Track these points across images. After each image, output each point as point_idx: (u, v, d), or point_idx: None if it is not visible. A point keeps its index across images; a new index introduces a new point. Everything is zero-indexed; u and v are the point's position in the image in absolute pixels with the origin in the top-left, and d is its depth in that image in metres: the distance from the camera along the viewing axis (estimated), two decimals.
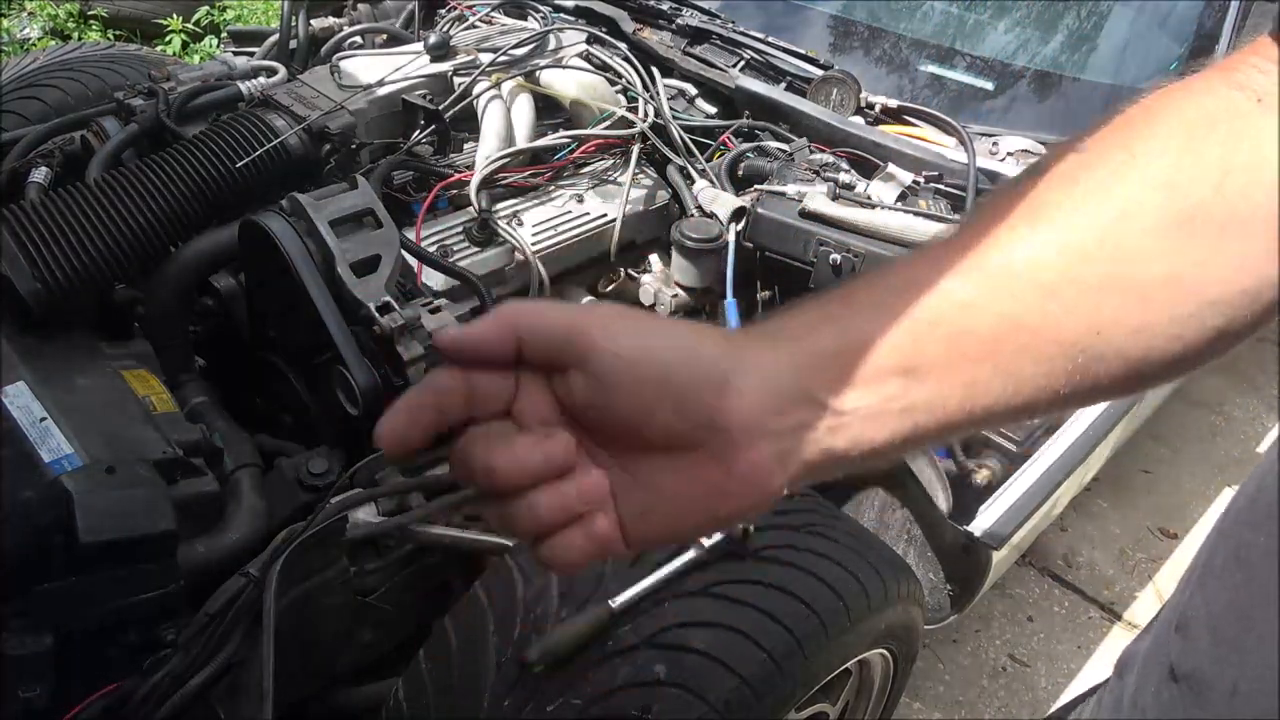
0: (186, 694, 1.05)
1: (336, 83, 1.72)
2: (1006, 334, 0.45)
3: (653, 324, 0.48)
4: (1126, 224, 0.45)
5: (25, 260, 1.27)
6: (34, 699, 0.97)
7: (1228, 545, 0.60)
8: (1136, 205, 0.45)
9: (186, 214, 1.43)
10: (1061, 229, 0.46)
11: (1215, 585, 0.60)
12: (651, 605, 1.02)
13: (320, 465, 1.30)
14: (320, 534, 1.18)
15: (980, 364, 0.45)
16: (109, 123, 1.67)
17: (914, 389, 0.46)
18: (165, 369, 1.40)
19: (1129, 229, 0.45)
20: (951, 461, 1.55)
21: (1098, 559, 2.36)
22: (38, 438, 1.10)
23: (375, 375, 1.32)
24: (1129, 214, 0.45)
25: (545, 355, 0.45)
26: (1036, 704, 2.00)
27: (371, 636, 1.34)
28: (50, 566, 1.01)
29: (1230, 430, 2.80)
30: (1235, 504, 0.61)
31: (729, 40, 2.01)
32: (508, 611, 1.06)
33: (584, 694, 0.97)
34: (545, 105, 1.91)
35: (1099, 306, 0.45)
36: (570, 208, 1.76)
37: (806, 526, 1.16)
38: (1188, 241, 0.45)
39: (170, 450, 1.18)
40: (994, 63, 1.98)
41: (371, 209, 1.41)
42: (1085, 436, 1.61)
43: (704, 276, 1.68)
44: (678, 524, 0.47)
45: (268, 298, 1.44)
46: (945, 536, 1.46)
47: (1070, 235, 0.46)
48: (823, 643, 1.07)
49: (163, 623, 1.09)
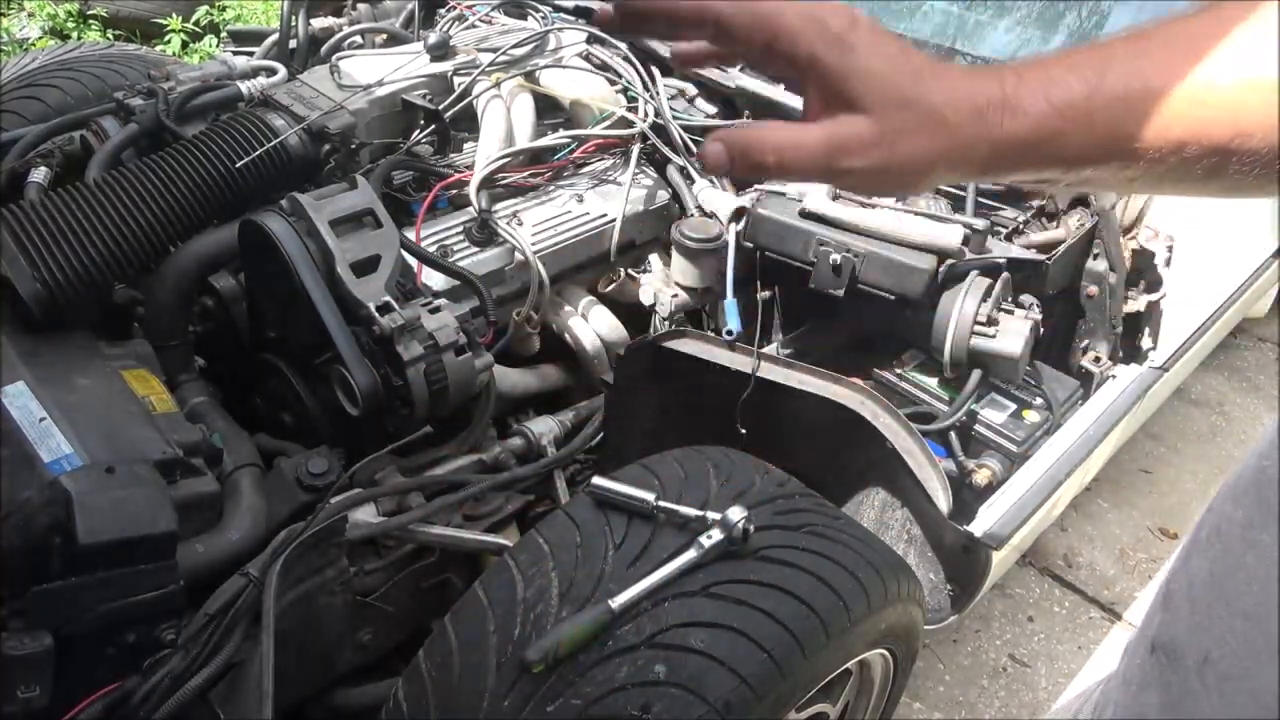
0: (186, 694, 1.05)
1: (336, 83, 1.72)
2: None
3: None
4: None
5: (25, 261, 1.27)
6: (34, 699, 0.97)
7: (1210, 520, 0.62)
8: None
9: (186, 214, 1.43)
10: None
11: (1197, 559, 0.62)
12: (651, 605, 1.02)
13: (320, 465, 1.30)
14: (320, 534, 1.19)
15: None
16: (109, 123, 1.67)
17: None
18: (165, 369, 1.40)
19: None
20: (951, 461, 1.55)
21: (1098, 559, 2.36)
22: (38, 438, 1.10)
23: (375, 375, 1.33)
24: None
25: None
26: (1036, 704, 2.00)
27: (371, 636, 1.34)
28: (50, 567, 1.01)
29: (1230, 430, 2.80)
30: (1224, 482, 0.63)
31: None
32: (508, 611, 1.06)
33: (584, 694, 0.97)
34: (545, 105, 1.91)
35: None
36: (570, 208, 1.76)
37: (806, 526, 1.16)
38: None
39: (170, 450, 1.18)
40: (994, 63, 1.98)
41: (371, 209, 1.41)
42: (1085, 436, 1.61)
43: (704, 276, 1.68)
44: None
45: (268, 298, 1.44)
46: (945, 536, 1.46)
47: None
48: (823, 643, 1.07)
49: (163, 623, 1.09)
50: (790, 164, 0.55)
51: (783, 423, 1.46)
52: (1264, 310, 2.80)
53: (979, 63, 1.99)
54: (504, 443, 1.53)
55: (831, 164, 0.55)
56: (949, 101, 0.54)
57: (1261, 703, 0.51)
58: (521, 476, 1.44)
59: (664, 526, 1.10)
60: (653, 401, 1.55)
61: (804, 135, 0.55)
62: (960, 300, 1.51)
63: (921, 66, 0.55)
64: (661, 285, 1.73)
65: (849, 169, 0.55)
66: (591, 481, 1.15)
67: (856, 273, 1.55)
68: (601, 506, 1.13)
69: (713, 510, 1.09)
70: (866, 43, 0.54)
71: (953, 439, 1.55)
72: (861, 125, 0.54)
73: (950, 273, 1.54)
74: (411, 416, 1.35)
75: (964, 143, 0.54)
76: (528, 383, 1.71)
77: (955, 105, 0.54)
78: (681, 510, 1.10)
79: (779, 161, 0.55)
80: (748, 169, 0.56)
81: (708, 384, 1.45)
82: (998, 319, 1.52)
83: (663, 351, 1.46)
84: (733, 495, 1.15)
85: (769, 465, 1.25)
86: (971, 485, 1.52)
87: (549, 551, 1.10)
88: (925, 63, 0.55)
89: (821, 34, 0.54)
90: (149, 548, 1.05)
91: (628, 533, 1.10)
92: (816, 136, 0.55)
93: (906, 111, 0.54)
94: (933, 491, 1.31)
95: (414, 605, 1.38)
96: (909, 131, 0.54)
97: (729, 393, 1.43)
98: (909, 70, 0.54)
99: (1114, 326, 1.74)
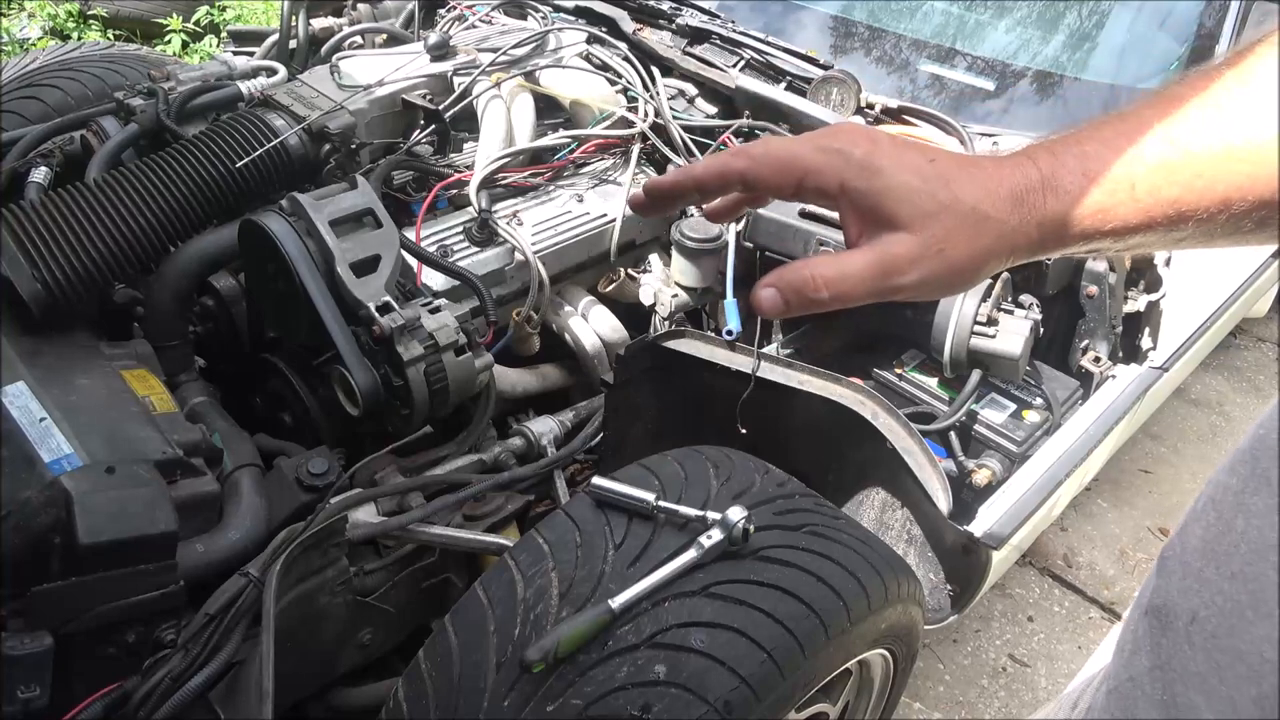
0: (186, 694, 1.05)
1: (336, 83, 1.72)
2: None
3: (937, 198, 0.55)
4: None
5: (25, 260, 1.27)
6: (34, 699, 0.97)
7: (1208, 491, 0.63)
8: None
9: (186, 214, 1.43)
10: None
11: (1193, 526, 0.63)
12: (651, 605, 1.02)
13: (320, 465, 1.30)
14: (320, 534, 1.19)
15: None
16: (109, 123, 1.67)
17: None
18: (165, 369, 1.41)
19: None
20: (951, 461, 1.55)
21: (1098, 559, 2.36)
22: (38, 438, 1.10)
23: (375, 375, 1.33)
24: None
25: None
26: (1036, 704, 2.00)
27: (371, 636, 1.34)
28: (50, 567, 1.01)
29: (1230, 430, 2.80)
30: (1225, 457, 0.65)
31: (729, 40, 2.01)
32: (508, 611, 1.06)
33: (584, 694, 0.97)
34: (545, 105, 1.91)
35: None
36: (570, 208, 1.76)
37: (806, 526, 1.16)
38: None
39: (170, 450, 1.18)
40: (994, 63, 1.98)
41: (371, 209, 1.41)
42: (1085, 436, 1.61)
43: (704, 276, 1.68)
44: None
45: (268, 298, 1.44)
46: (945, 536, 1.46)
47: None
48: (823, 643, 1.07)
49: (163, 623, 1.09)
50: (845, 295, 0.56)
51: (783, 423, 1.46)
52: (1264, 310, 2.81)
53: (979, 63, 1.99)
54: (504, 443, 1.53)
55: (885, 285, 0.56)
56: (985, 197, 0.55)
57: (1246, 661, 0.52)
58: (521, 476, 1.44)
59: (664, 526, 1.10)
60: (653, 401, 1.55)
61: (852, 264, 0.56)
62: (960, 300, 1.51)
63: (949, 169, 0.56)
64: (661, 285, 1.73)
65: (903, 285, 0.56)
66: (591, 481, 1.15)
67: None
68: (601, 506, 1.13)
69: (713, 510, 1.09)
70: (891, 161, 0.56)
71: (953, 439, 1.56)
72: (905, 242, 0.55)
73: None
74: (411, 416, 1.35)
75: (1010, 231, 0.55)
76: (528, 383, 1.71)
77: (993, 199, 0.55)
78: (681, 510, 1.10)
79: (834, 295, 0.56)
80: (803, 308, 0.57)
81: (708, 384, 1.45)
82: (998, 319, 1.52)
83: (663, 351, 1.46)
84: (733, 495, 1.15)
85: (769, 465, 1.25)
86: (971, 485, 1.52)
87: (549, 551, 1.10)
88: (952, 164, 0.56)
89: (847, 163, 0.56)
90: (149, 548, 1.05)
91: (628, 533, 1.10)
92: (865, 262, 0.56)
93: (945, 217, 0.55)
94: (933, 491, 1.31)
95: (414, 605, 1.38)
96: (953, 236, 0.55)
97: (729, 393, 1.42)
98: (938, 176, 0.55)
99: (1114, 326, 1.74)
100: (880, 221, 0.56)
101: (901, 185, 0.55)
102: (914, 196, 0.55)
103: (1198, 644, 0.56)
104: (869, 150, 0.56)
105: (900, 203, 0.55)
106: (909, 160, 0.56)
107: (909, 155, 0.56)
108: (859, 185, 0.56)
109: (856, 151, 0.56)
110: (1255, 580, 0.53)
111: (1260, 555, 0.54)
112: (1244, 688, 0.52)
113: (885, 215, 0.55)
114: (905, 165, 0.56)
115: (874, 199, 0.55)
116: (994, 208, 0.55)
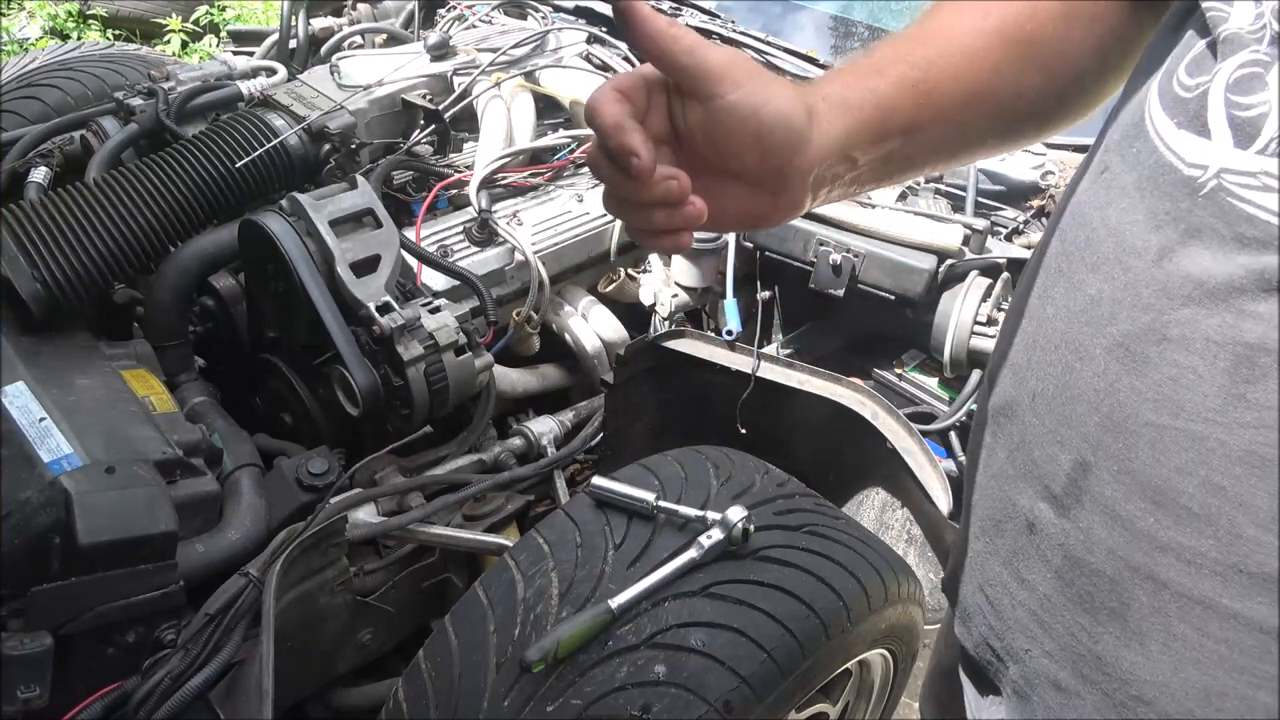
0: (186, 694, 1.05)
1: (336, 83, 1.72)
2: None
3: (767, 89, 0.59)
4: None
5: (25, 260, 1.27)
6: (34, 699, 0.97)
7: (1014, 306, 0.71)
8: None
9: (186, 214, 1.43)
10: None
11: (1007, 327, 0.71)
12: (651, 605, 1.02)
13: (320, 465, 1.30)
14: (320, 534, 1.18)
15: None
16: (109, 123, 1.67)
17: (906, 145, 0.65)
18: (165, 369, 1.41)
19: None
20: (951, 461, 1.55)
21: None
22: (38, 438, 1.10)
23: (375, 375, 1.33)
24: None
25: (688, 80, 0.58)
26: None
27: (371, 636, 1.34)
28: (50, 567, 1.01)
29: None
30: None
31: (729, 40, 2.01)
32: (508, 611, 1.06)
33: (584, 694, 0.97)
34: (545, 105, 1.91)
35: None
36: (570, 208, 1.76)
37: (806, 526, 1.16)
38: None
39: (170, 450, 1.18)
40: None
41: (371, 209, 1.41)
42: None
43: (704, 276, 1.68)
44: (724, 225, 0.70)
45: (268, 298, 1.44)
46: (945, 536, 1.46)
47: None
48: (823, 643, 1.07)
49: (163, 623, 1.09)
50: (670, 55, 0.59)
51: (783, 423, 1.46)
52: None
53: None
54: (504, 443, 1.53)
55: (702, 77, 0.59)
56: (785, 84, 0.62)
57: (1086, 399, 0.57)
58: (521, 476, 1.44)
59: (664, 527, 1.10)
60: (653, 401, 1.55)
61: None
62: (960, 300, 1.51)
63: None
64: (661, 285, 1.73)
65: (716, 78, 0.59)
66: (591, 481, 1.15)
67: (856, 273, 1.55)
68: (601, 506, 1.13)
69: (713, 510, 1.09)
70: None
71: (953, 439, 1.55)
72: (724, 64, 0.60)
73: (950, 273, 1.54)
74: (411, 416, 1.35)
75: (801, 92, 0.61)
76: (528, 383, 1.71)
77: (789, 85, 0.62)
78: (681, 510, 1.10)
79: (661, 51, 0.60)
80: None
81: (708, 384, 1.45)
82: (998, 319, 1.52)
83: (663, 351, 1.46)
84: (733, 495, 1.15)
85: (769, 465, 1.25)
86: None
87: (549, 551, 1.10)
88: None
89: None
90: (149, 548, 1.05)
91: (628, 533, 1.10)
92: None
93: (758, 77, 0.60)
94: (933, 491, 1.31)
95: (414, 605, 1.38)
96: (757, 81, 0.60)
97: (729, 392, 1.43)
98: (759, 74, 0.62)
99: None
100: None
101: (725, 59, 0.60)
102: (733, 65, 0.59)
103: (1043, 411, 0.61)
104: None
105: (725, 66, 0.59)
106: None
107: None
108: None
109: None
110: (1076, 339, 0.59)
111: (1070, 327, 0.59)
112: (1089, 417, 0.57)
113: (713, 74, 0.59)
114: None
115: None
116: (791, 86, 0.61)
